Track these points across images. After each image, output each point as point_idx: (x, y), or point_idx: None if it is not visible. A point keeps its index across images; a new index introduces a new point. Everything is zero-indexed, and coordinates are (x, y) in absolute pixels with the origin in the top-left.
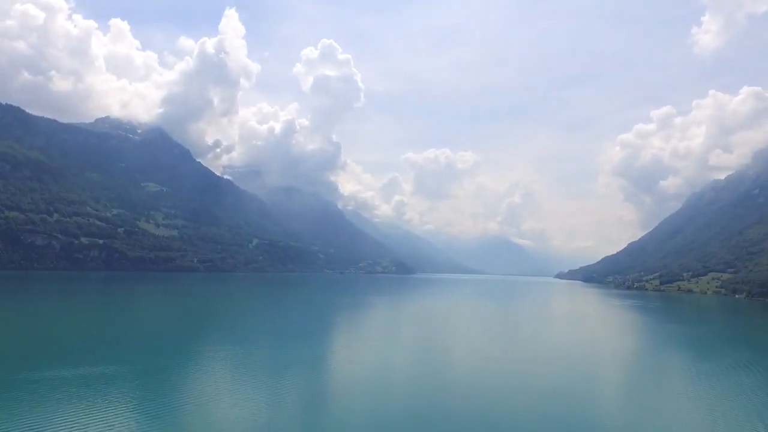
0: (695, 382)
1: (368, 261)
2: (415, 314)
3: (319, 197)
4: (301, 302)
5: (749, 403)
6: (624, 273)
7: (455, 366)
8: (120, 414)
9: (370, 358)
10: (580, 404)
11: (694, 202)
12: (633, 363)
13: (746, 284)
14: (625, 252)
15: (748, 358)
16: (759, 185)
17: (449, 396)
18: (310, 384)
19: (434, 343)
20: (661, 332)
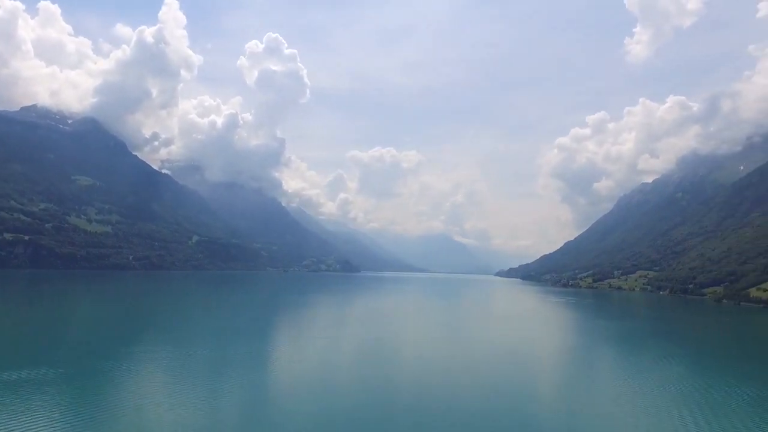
0: (624, 375)
1: (313, 259)
2: (359, 313)
3: (262, 194)
4: (242, 301)
5: (672, 393)
6: (560, 271)
7: (398, 364)
8: (51, 421)
9: (313, 357)
10: (518, 399)
11: (625, 204)
12: (567, 358)
13: (670, 281)
14: (561, 251)
15: (670, 351)
16: (682, 189)
17: (392, 395)
18: (251, 385)
19: (377, 341)
20: (594, 328)
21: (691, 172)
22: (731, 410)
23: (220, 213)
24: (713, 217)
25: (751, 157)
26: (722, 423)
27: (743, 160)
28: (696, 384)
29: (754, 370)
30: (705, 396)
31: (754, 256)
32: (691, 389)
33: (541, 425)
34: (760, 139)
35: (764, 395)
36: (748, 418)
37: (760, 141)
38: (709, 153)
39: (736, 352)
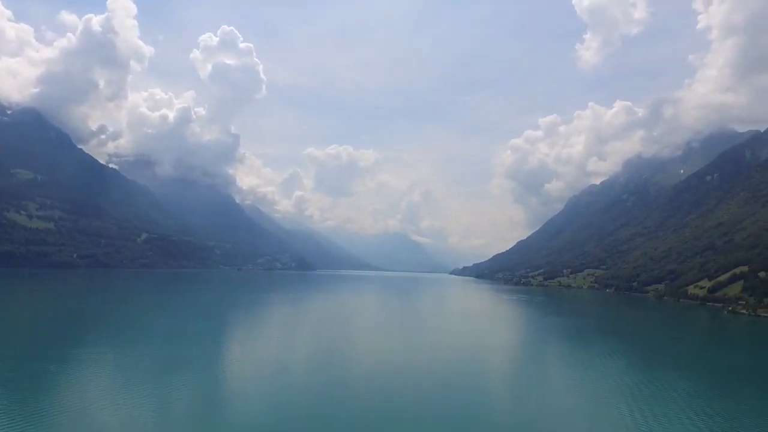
0: (572, 370)
1: (267, 257)
2: (314, 312)
3: (215, 190)
4: (193, 300)
5: (614, 386)
6: (512, 269)
7: (354, 363)
8: None
9: (266, 358)
10: (471, 394)
11: (574, 205)
12: (519, 354)
13: (615, 279)
14: (514, 250)
15: (614, 347)
16: (627, 191)
17: (347, 394)
18: (202, 387)
19: (332, 341)
20: (544, 325)
21: (635, 174)
22: (668, 402)
23: (172, 209)
24: (656, 218)
25: (690, 161)
26: (659, 414)
27: (683, 164)
28: (636, 378)
29: (689, 363)
30: (644, 389)
31: (691, 256)
32: (632, 383)
33: (493, 419)
34: (698, 144)
35: (698, 388)
36: (680, 411)
37: (698, 146)
38: (653, 156)
39: (674, 348)
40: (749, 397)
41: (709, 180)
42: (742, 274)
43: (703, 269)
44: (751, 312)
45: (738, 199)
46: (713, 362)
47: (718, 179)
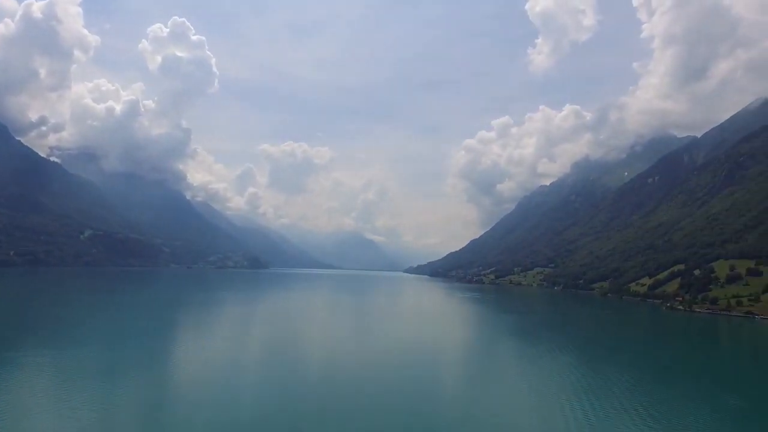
0: (522, 365)
1: (219, 255)
2: (266, 311)
3: (164, 186)
4: (138, 300)
5: (562, 380)
6: (465, 268)
7: (304, 363)
8: None
9: (215, 358)
10: (424, 390)
11: (525, 205)
12: (472, 350)
13: (563, 277)
14: (467, 249)
15: (561, 342)
16: (575, 192)
17: (296, 393)
18: (147, 390)
19: (285, 340)
20: (496, 322)
21: (583, 176)
22: (610, 394)
23: (117, 205)
24: (601, 219)
25: (633, 164)
26: (602, 406)
27: (627, 166)
28: (582, 372)
29: (630, 358)
30: (589, 382)
31: (634, 254)
32: (578, 377)
33: (444, 416)
34: (641, 148)
35: (638, 380)
36: (622, 402)
37: (641, 150)
38: (599, 159)
39: (616, 343)
40: (685, 387)
41: (650, 182)
42: (680, 272)
43: (644, 267)
44: (687, 308)
45: (677, 200)
46: (652, 356)
47: (658, 182)
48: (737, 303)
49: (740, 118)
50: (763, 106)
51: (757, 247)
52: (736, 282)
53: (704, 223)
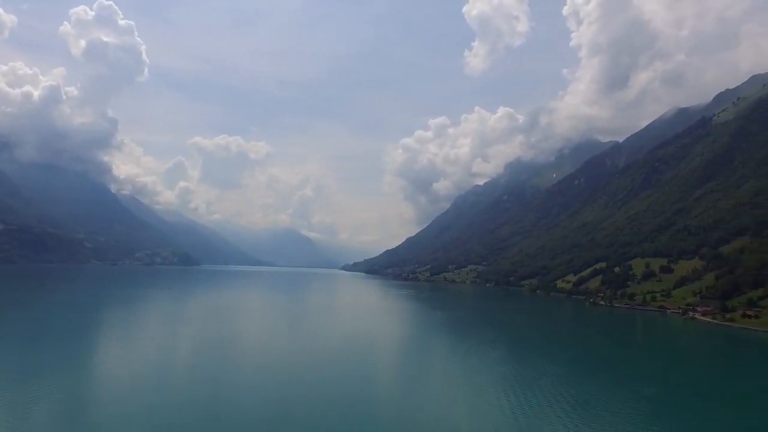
0: (455, 360)
1: (146, 251)
2: (195, 310)
3: (87, 178)
4: (55, 299)
5: (494, 374)
6: (401, 265)
7: (237, 362)
8: None
9: (140, 359)
10: (356, 388)
11: (460, 204)
12: (407, 346)
13: (495, 275)
14: (403, 246)
15: (493, 337)
16: (508, 192)
17: (229, 393)
18: (67, 392)
19: (215, 340)
20: (431, 318)
21: (515, 177)
22: (539, 385)
23: (34, 198)
24: (531, 218)
25: (561, 166)
26: (531, 397)
27: (556, 168)
28: (513, 365)
29: (556, 351)
30: (520, 375)
31: (560, 253)
32: (509, 370)
33: (379, 410)
34: (569, 151)
35: (564, 372)
36: (549, 392)
37: (569, 153)
38: (530, 161)
39: (543, 338)
40: (606, 377)
41: (576, 184)
42: (602, 270)
43: (570, 265)
44: (607, 303)
45: (600, 202)
46: (577, 349)
47: (584, 184)
48: (651, 298)
49: (657, 126)
50: (677, 116)
51: (669, 246)
52: (650, 279)
53: (624, 224)
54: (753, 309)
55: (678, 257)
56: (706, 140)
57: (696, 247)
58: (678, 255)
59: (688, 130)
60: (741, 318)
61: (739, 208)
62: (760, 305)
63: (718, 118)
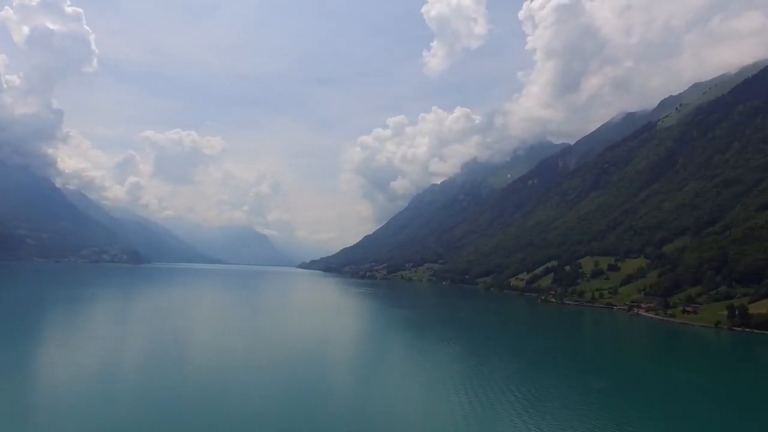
0: (412, 358)
1: (94, 249)
2: (144, 309)
3: (29, 172)
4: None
5: (449, 371)
6: (359, 263)
7: (191, 362)
8: None
9: (86, 360)
10: (312, 387)
11: (417, 203)
12: (364, 344)
13: (450, 273)
14: (360, 244)
15: (449, 335)
16: (464, 191)
17: (179, 394)
18: (9, 394)
19: (165, 340)
20: (388, 316)
21: (471, 176)
22: (492, 381)
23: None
24: (486, 217)
25: (516, 167)
26: (486, 393)
27: (510, 169)
28: (467, 362)
29: (509, 348)
30: (474, 371)
31: (514, 251)
32: (464, 367)
33: (338, 409)
34: (523, 152)
35: (517, 367)
36: (502, 390)
37: (524, 154)
38: (486, 161)
39: (497, 334)
40: (558, 372)
41: (530, 184)
42: (553, 268)
43: (523, 263)
44: (558, 301)
45: (552, 202)
46: (529, 345)
47: (537, 184)
48: (600, 296)
49: (606, 129)
50: (625, 120)
51: (616, 245)
52: (599, 277)
53: (575, 223)
54: (692, 305)
55: (624, 256)
56: (651, 144)
57: (641, 246)
58: (624, 254)
59: (635, 134)
60: (681, 314)
61: (680, 209)
62: (698, 302)
63: (662, 123)
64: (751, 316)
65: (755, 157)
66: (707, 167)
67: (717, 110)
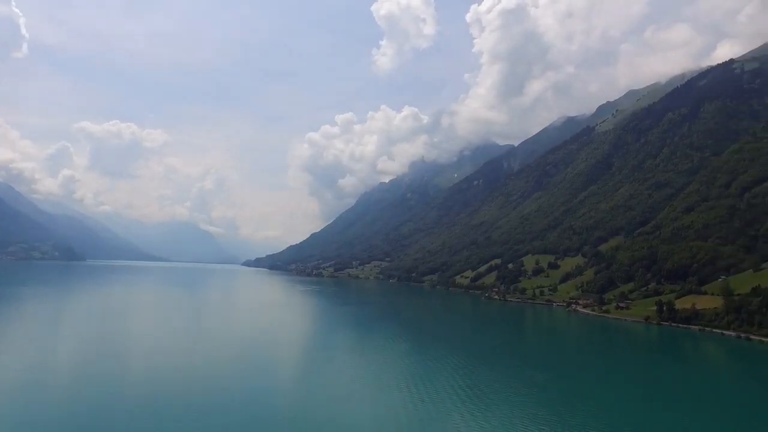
0: (359, 355)
1: (22, 245)
2: (79, 309)
3: None
4: None
5: (398, 367)
6: (305, 261)
7: (127, 363)
8: None
9: (15, 363)
10: (257, 387)
11: (365, 201)
12: (312, 343)
13: (398, 270)
14: (307, 242)
15: (397, 332)
16: (411, 190)
17: (117, 397)
18: None
19: (101, 341)
20: (335, 314)
21: (419, 175)
22: (440, 376)
23: None
24: (433, 216)
25: (462, 167)
26: (434, 388)
27: (457, 169)
28: (415, 358)
29: (455, 343)
30: (422, 367)
31: (460, 249)
32: (411, 362)
33: (285, 409)
34: (469, 153)
35: (463, 362)
36: (449, 384)
37: (469, 154)
38: (433, 160)
39: (443, 330)
40: (501, 366)
41: (476, 184)
42: (497, 266)
43: (468, 261)
44: (501, 298)
45: (496, 202)
46: (474, 341)
47: (482, 184)
48: (540, 293)
49: (548, 132)
50: (566, 124)
51: (556, 243)
52: (539, 274)
53: (517, 223)
54: (625, 301)
55: (564, 254)
56: (590, 147)
57: (579, 245)
58: (564, 252)
59: (575, 138)
60: (615, 310)
61: (615, 210)
62: (631, 298)
63: (600, 127)
64: (677, 311)
65: (683, 162)
66: (640, 171)
67: (649, 117)
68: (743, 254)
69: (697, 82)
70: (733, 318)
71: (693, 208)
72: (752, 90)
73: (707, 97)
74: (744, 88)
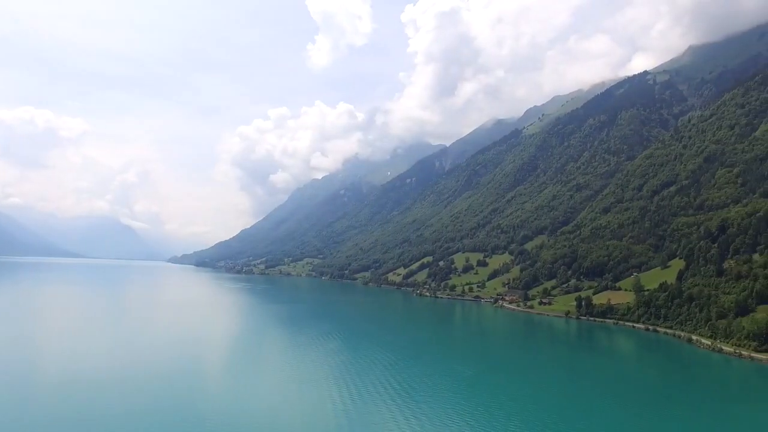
0: (289, 354)
1: None
2: None
3: None
4: None
5: (329, 365)
6: (235, 258)
7: (40, 364)
8: None
9: None
10: (183, 388)
11: (298, 197)
12: (241, 343)
13: (330, 268)
14: (237, 238)
15: (328, 329)
16: (345, 187)
17: (32, 396)
18: None
19: (10, 343)
20: (266, 312)
21: (352, 172)
22: (370, 372)
23: None
24: (366, 213)
25: (395, 165)
26: (366, 385)
27: (390, 167)
28: (346, 355)
29: (386, 340)
30: (353, 364)
31: (392, 247)
32: (343, 360)
33: (210, 407)
34: (402, 151)
35: (394, 358)
36: (380, 381)
37: (403, 153)
38: (367, 158)
39: (375, 327)
40: (431, 362)
41: (408, 183)
42: (428, 263)
43: (400, 259)
44: (432, 294)
45: (428, 200)
46: (404, 337)
47: (415, 183)
48: (469, 289)
49: (478, 133)
50: (495, 126)
51: (485, 241)
52: (469, 272)
53: (449, 221)
54: (548, 297)
55: (492, 252)
56: (517, 149)
57: (506, 243)
58: (492, 250)
59: (503, 140)
60: (538, 305)
61: (539, 210)
62: (553, 294)
63: (527, 130)
64: (594, 306)
65: (601, 165)
66: (563, 173)
67: (572, 122)
68: (653, 252)
69: (615, 90)
70: (643, 312)
71: (609, 209)
72: (663, 100)
73: (624, 105)
74: (656, 98)
